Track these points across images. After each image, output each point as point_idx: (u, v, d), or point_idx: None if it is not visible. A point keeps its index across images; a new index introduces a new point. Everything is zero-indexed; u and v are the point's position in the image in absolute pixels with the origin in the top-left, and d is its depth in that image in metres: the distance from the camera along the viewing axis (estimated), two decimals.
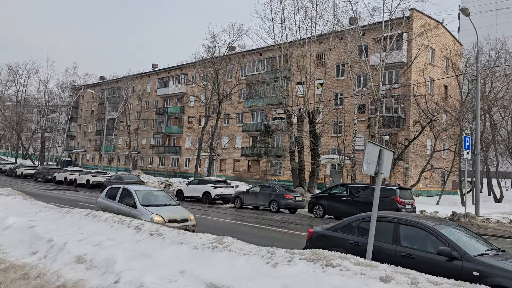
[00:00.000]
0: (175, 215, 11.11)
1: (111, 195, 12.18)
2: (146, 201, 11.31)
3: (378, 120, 25.49)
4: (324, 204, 18.83)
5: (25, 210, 9.75)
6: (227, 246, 5.97)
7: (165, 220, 10.29)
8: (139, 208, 10.81)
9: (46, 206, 10.67)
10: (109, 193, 12.47)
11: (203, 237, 6.29)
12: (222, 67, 39.27)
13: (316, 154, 26.41)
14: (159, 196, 12.25)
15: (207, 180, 25.35)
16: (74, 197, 25.41)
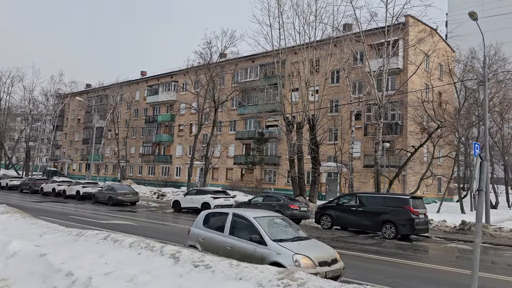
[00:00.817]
0: (323, 254, 8.05)
1: (215, 225, 9.03)
2: (274, 234, 8.22)
3: (382, 126, 24.86)
4: (332, 214, 18.10)
5: (27, 231, 8.64)
6: (302, 284, 4.98)
7: (314, 263, 7.51)
8: (270, 244, 7.75)
9: (48, 225, 9.59)
10: (210, 222, 9.27)
11: (264, 270, 5.30)
12: (216, 73, 38.47)
13: (317, 162, 25.72)
14: (283, 225, 9.09)
15: (206, 190, 24.43)
16: (64, 210, 24.19)
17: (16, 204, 27.20)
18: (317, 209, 19.12)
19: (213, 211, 10.08)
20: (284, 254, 7.49)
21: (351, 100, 33.35)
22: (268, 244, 7.79)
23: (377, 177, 23.90)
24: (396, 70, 34.85)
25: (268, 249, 7.73)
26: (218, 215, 9.43)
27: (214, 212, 9.93)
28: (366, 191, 35.77)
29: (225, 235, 8.53)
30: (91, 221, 18.26)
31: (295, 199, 22.26)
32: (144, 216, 22.82)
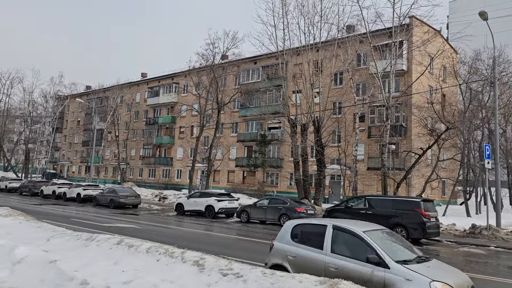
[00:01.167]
0: (460, 280, 6.46)
1: (309, 239, 7.37)
2: (393, 253, 6.57)
3: (389, 128, 24.49)
4: (341, 217, 17.62)
5: (32, 235, 8.19)
6: None
7: None
8: (393, 267, 6.16)
9: (55, 229, 9.14)
10: (301, 235, 7.56)
11: (303, 280, 4.86)
12: (219, 75, 38.15)
13: (322, 165, 25.35)
14: (395, 241, 7.39)
15: (210, 192, 24.02)
16: (65, 213, 23.78)
17: (16, 206, 26.80)
18: (324, 212, 18.73)
19: (303, 222, 8.15)
20: (418, 281, 5.86)
21: (355, 102, 33.05)
22: (390, 266, 6.16)
23: (384, 180, 23.52)
24: (400, 72, 34.54)
25: (391, 273, 6.10)
26: (311, 227, 7.75)
27: (305, 223, 8.01)
28: (371, 193, 35.60)
29: (325, 252, 6.87)
30: (94, 224, 17.87)
31: (301, 202, 21.88)
32: (147, 219, 22.42)
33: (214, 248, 12.42)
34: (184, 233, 17.06)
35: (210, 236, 16.65)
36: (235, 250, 12.57)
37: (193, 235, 16.60)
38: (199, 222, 21.30)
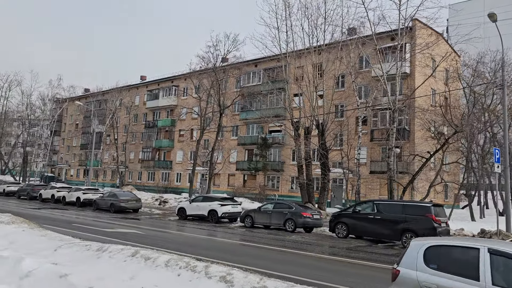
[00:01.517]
0: None
1: (452, 266, 5.69)
2: None
3: (395, 131, 24.17)
4: (348, 223, 17.36)
5: (38, 245, 7.74)
6: None
7: None
8: None
9: (61, 238, 8.68)
10: (439, 259, 5.84)
11: None
12: (221, 78, 37.80)
13: (326, 168, 25.00)
14: None
15: (213, 197, 23.61)
16: (65, 217, 23.32)
17: (15, 211, 26.31)
18: (331, 217, 18.37)
19: (440, 242, 6.29)
20: None
21: (358, 105, 32.79)
22: None
23: (390, 184, 23.19)
24: (403, 75, 34.27)
25: None
26: (454, 250, 5.97)
27: (444, 244, 6.17)
28: (377, 198, 35.30)
29: (483, 285, 5.27)
30: (95, 229, 17.42)
31: (306, 206, 21.52)
32: (149, 223, 22.00)
33: (221, 254, 12.04)
34: (188, 239, 16.65)
35: (215, 241, 16.25)
36: (241, 256, 12.18)
37: (197, 240, 16.21)
38: (202, 227, 20.90)
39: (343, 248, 15.16)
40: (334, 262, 12.29)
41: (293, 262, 11.92)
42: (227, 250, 13.80)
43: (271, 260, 11.88)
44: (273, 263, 11.28)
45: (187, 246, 13.82)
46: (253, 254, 13.24)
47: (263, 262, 11.19)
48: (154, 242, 13.98)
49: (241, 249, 14.22)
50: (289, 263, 11.58)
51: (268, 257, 12.55)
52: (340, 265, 11.81)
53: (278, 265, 10.84)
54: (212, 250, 13.33)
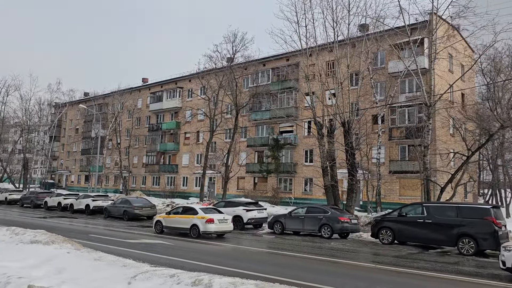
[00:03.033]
0: None
1: None
2: None
3: (430, 128, 22.81)
4: (394, 227, 15.99)
5: (97, 274, 5.90)
6: None
7: None
8: None
9: (124, 263, 7.09)
10: None
11: None
12: (235, 76, 36.39)
13: (354, 169, 23.66)
14: None
15: (237, 202, 22.15)
16: (78, 227, 21.81)
17: (21, 221, 24.79)
18: (373, 221, 17.01)
19: None
20: None
21: (377, 102, 31.53)
22: None
23: (427, 184, 21.85)
24: (422, 71, 33.07)
25: None
26: None
27: None
28: (393, 199, 34.09)
29: None
30: (118, 240, 15.93)
31: (342, 210, 20.16)
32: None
33: (271, 268, 10.66)
34: (221, 249, 15.19)
35: (254, 253, 14.82)
36: (291, 270, 10.79)
37: (235, 251, 14.79)
38: (231, 235, 19.43)
39: (393, 256, 13.81)
40: (397, 274, 10.87)
41: (347, 275, 10.51)
42: (275, 263, 12.38)
43: (324, 273, 10.48)
44: (328, 276, 9.92)
45: (228, 259, 12.43)
46: (298, 265, 11.82)
47: (312, 276, 9.86)
48: (189, 255, 12.59)
49: (283, 260, 12.79)
50: (343, 276, 10.20)
51: (316, 269, 11.14)
52: (407, 277, 10.45)
53: (335, 279, 9.48)
54: (260, 263, 11.93)
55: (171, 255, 12.29)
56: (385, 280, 9.97)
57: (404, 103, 30.29)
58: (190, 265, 10.03)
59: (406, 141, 33.53)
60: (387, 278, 10.27)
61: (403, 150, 34.53)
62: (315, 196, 38.59)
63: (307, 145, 39.72)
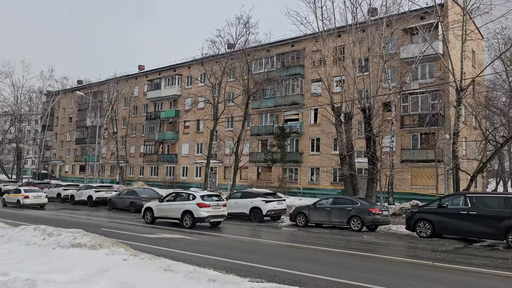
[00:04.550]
0: None
1: None
2: None
3: (460, 114, 21.67)
4: (433, 220, 14.87)
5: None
6: None
7: None
8: None
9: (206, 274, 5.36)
10: None
11: None
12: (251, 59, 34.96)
13: (375, 158, 22.53)
14: None
15: (254, 192, 20.86)
16: (81, 220, 20.44)
17: (21, 214, 23.34)
18: (408, 213, 15.88)
19: None
20: None
21: (390, 89, 30.36)
22: None
23: (456, 174, 20.74)
24: (435, 56, 31.92)
25: None
26: None
27: None
28: (405, 188, 33.14)
29: None
30: (135, 235, 14.59)
31: (372, 201, 19.07)
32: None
33: (311, 265, 9.49)
34: (249, 244, 13.95)
35: (286, 248, 13.65)
36: (338, 268, 9.61)
37: (267, 247, 13.55)
38: (247, 227, 18.29)
39: (441, 251, 12.71)
40: (461, 272, 9.72)
41: (398, 273, 9.34)
42: (312, 259, 11.20)
43: (372, 271, 9.29)
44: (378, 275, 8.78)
45: (265, 256, 11.24)
46: (341, 262, 10.61)
47: (364, 275, 8.72)
48: (224, 252, 11.35)
49: (322, 257, 11.61)
50: (394, 274, 9.05)
51: (360, 267, 9.95)
52: (471, 276, 9.30)
53: (387, 278, 8.32)
54: (299, 260, 10.72)
55: (192, 251, 11.09)
56: (446, 279, 8.87)
57: (423, 88, 29.09)
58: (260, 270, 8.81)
59: (418, 129, 32.54)
60: (444, 276, 9.17)
61: (415, 139, 33.54)
62: (322, 186, 37.57)
63: (314, 133, 38.57)
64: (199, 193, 18.13)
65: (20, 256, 6.53)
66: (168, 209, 18.15)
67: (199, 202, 17.01)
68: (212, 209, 17.10)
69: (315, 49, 39.37)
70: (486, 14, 23.84)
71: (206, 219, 17.06)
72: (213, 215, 17.18)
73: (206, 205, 16.95)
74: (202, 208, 16.85)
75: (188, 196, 17.90)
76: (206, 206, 16.93)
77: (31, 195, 26.02)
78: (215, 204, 17.37)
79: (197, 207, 16.88)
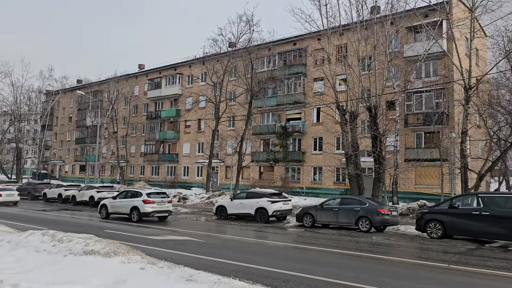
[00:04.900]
0: None
1: None
2: None
3: (469, 113, 21.35)
4: (444, 220, 14.58)
5: None
6: None
7: None
8: None
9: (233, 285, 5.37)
10: None
11: None
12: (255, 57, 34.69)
13: (381, 157, 22.26)
14: None
15: (260, 192, 20.55)
16: (84, 221, 20.15)
17: (22, 214, 23.03)
18: (418, 213, 15.59)
19: None
20: None
21: (394, 88, 30.09)
22: None
23: (465, 173, 20.45)
24: (440, 54, 31.69)
25: None
26: None
27: None
28: (410, 187, 32.88)
29: None
30: (140, 237, 14.29)
31: (380, 201, 18.80)
32: (190, 226, 18.99)
33: (328, 269, 9.20)
34: (265, 247, 13.61)
35: (297, 251, 13.35)
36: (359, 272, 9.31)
37: (279, 249, 13.26)
38: (254, 228, 17.97)
39: (455, 253, 12.43)
40: (476, 275, 9.44)
41: (415, 277, 9.04)
42: (325, 262, 10.92)
43: (392, 275, 9.02)
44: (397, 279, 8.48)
45: (278, 259, 10.94)
46: (355, 266, 10.30)
47: (383, 279, 8.45)
48: (237, 255, 11.08)
49: (335, 259, 11.33)
50: (411, 278, 8.74)
51: (375, 270, 9.67)
52: (496, 279, 9.02)
53: (404, 282, 8.04)
54: (309, 263, 10.44)
55: (204, 254, 10.80)
56: (467, 284, 8.61)
57: (427, 87, 28.81)
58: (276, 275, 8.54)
59: (423, 128, 32.29)
60: (464, 280, 8.90)
61: (419, 137, 33.28)
62: (325, 186, 37.29)
63: (316, 132, 38.29)
64: (145, 191, 20.37)
65: (29, 265, 6.20)
66: (119, 205, 20.43)
67: (145, 199, 19.23)
68: (157, 205, 19.37)
69: (318, 47, 39.20)
70: (492, 12, 23.63)
71: (150, 214, 19.28)
72: (158, 210, 19.47)
73: (151, 201, 19.25)
74: (147, 205, 19.12)
75: (136, 194, 20.21)
76: (151, 202, 19.24)
77: (4, 193, 28.50)
78: (160, 200, 19.66)
79: (143, 204, 19.12)
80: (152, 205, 19.09)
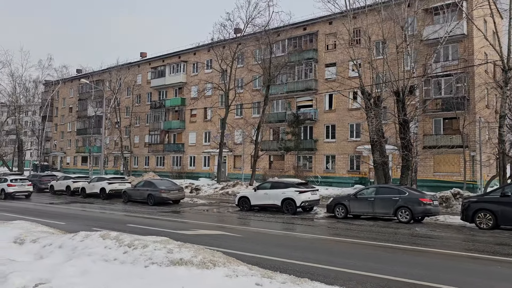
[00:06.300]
0: None
1: None
2: None
3: (508, 95, 20.24)
4: (495, 210, 13.60)
5: None
6: None
7: None
8: None
9: None
10: None
11: None
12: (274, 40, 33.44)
13: (410, 144, 21.24)
14: None
15: (286, 182, 19.47)
16: (99, 214, 19.07)
17: (31, 208, 21.95)
18: (464, 203, 14.58)
19: None
20: None
21: (412, 72, 28.95)
22: None
23: (503, 159, 19.48)
24: (460, 37, 30.56)
25: None
26: None
27: None
28: (428, 175, 31.97)
29: None
30: (169, 232, 13.13)
31: (420, 190, 17.81)
32: (215, 218, 17.98)
33: (380, 265, 8.21)
34: (314, 242, 12.49)
35: (338, 244, 12.37)
36: (422, 269, 8.33)
37: (320, 243, 12.28)
38: (285, 220, 16.91)
39: (505, 243, 11.50)
40: None
41: (483, 272, 8.08)
42: (378, 257, 9.94)
43: (460, 272, 8.03)
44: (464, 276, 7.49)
45: (337, 257, 9.93)
46: (404, 261, 9.31)
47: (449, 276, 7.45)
48: (292, 255, 10.06)
49: (395, 256, 10.34)
50: (478, 274, 7.78)
51: (430, 265, 8.68)
52: None
53: (471, 279, 7.06)
54: (355, 258, 9.44)
55: (244, 250, 9.79)
56: None
57: (447, 71, 27.68)
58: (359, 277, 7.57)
59: (441, 114, 31.28)
60: None
61: (437, 124, 32.27)
62: (338, 174, 36.34)
63: (329, 120, 37.20)
64: (9, 178, 28.33)
65: (100, 279, 5.03)
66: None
67: (9, 183, 27.31)
68: (18, 187, 27.48)
69: (328, 32, 37.98)
70: None
71: (12, 194, 27.06)
72: (18, 191, 27.54)
73: (13, 185, 27.33)
74: (9, 187, 27.14)
75: (3, 180, 27.90)
76: (13, 186, 27.31)
77: (17, 184, 28.49)
78: (20, 184, 27.74)
79: (7, 186, 27.14)
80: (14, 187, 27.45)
